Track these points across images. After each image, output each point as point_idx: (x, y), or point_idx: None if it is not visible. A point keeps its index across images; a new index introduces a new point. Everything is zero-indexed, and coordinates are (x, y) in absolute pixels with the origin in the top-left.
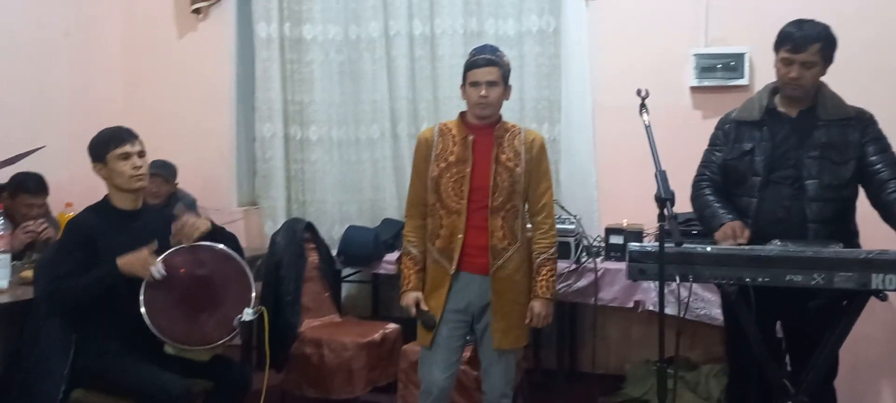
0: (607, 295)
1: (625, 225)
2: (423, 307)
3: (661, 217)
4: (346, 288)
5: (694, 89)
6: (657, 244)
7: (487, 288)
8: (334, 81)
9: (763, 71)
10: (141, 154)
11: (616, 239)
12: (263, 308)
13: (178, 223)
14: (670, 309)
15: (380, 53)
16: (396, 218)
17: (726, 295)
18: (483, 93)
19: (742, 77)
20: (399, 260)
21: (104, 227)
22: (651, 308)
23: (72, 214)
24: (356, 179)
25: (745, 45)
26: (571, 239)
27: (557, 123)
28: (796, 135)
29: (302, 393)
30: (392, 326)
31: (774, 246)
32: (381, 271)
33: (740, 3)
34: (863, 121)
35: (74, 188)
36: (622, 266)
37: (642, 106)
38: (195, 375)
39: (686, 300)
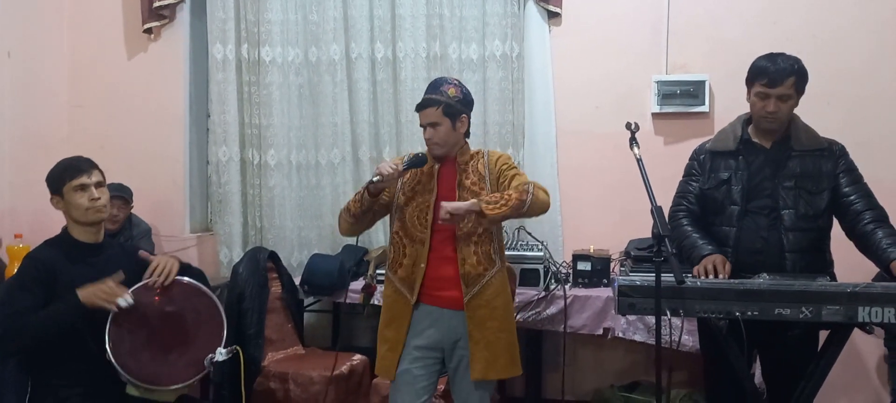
0: (577, 322)
1: (592, 251)
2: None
3: (657, 253)
4: (305, 318)
5: (655, 115)
6: (644, 277)
7: (460, 322)
8: (293, 104)
9: (723, 98)
10: (99, 184)
11: (583, 266)
12: (237, 347)
13: (151, 267)
14: (639, 336)
15: (341, 76)
16: (358, 246)
17: (712, 329)
18: (426, 135)
19: (703, 104)
20: (364, 288)
21: (64, 262)
22: (620, 335)
23: (23, 247)
24: (316, 204)
25: (705, 73)
26: (540, 267)
27: (521, 148)
28: (771, 165)
29: None
30: (359, 357)
31: (763, 280)
32: (348, 301)
33: (700, 31)
34: (834, 153)
35: (22, 218)
36: (591, 292)
37: (632, 139)
38: None
39: (666, 330)
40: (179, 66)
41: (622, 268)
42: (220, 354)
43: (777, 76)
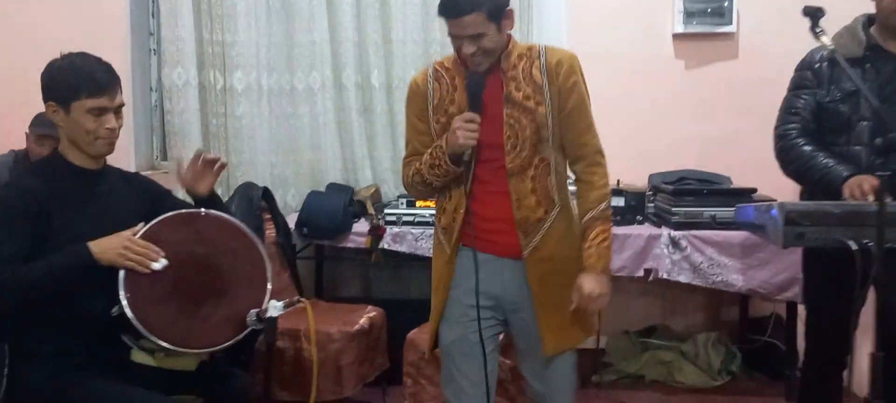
0: (614, 263)
1: (620, 184)
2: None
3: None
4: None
5: (676, 37)
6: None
7: (519, 277)
8: (262, 18)
9: (750, 17)
10: (119, 110)
11: (616, 201)
12: (303, 300)
13: (188, 169)
14: (684, 277)
15: None
16: (341, 182)
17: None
18: (467, 50)
19: (730, 23)
20: (371, 230)
21: (57, 194)
22: (665, 275)
23: None
24: (292, 136)
25: None
26: None
27: None
28: None
29: (274, 398)
30: (376, 310)
31: None
32: (349, 244)
33: None
34: None
35: None
36: (629, 230)
37: (814, 27)
38: (181, 390)
39: (713, 268)
40: None
41: (650, 204)
42: (275, 308)
43: None
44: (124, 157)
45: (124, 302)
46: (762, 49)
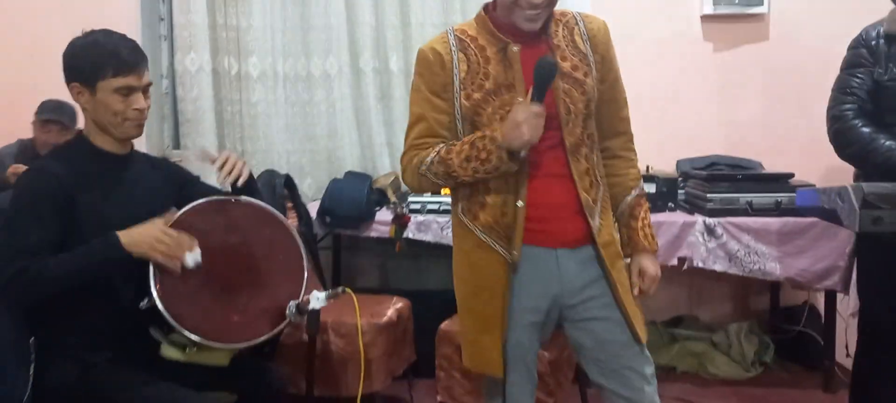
0: None
1: (649, 170)
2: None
3: None
4: None
5: (705, 18)
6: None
7: (588, 265)
8: (277, 2)
9: None
10: (147, 90)
11: (647, 187)
12: (346, 287)
13: (220, 159)
14: (719, 266)
15: None
16: (359, 171)
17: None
18: None
19: (761, 4)
20: (395, 219)
21: (83, 177)
22: (700, 264)
23: None
24: (308, 123)
25: None
26: None
27: None
28: None
29: (299, 392)
30: (402, 302)
31: None
32: (372, 233)
33: None
34: None
35: None
36: (660, 217)
37: None
38: (213, 386)
39: (750, 256)
40: None
41: (681, 191)
42: (318, 299)
43: None
44: (134, 146)
45: (155, 295)
46: (794, 32)
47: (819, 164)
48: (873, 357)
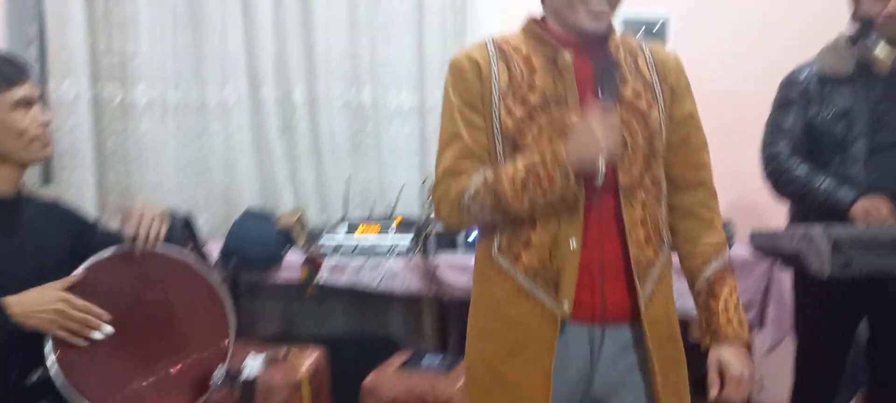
0: None
1: None
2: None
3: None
4: None
5: None
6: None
7: (629, 347)
8: (167, 26)
9: (685, 38)
10: (40, 100)
11: None
12: (291, 349)
13: (131, 220)
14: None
15: None
16: (258, 208)
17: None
18: None
19: (664, 44)
20: (306, 262)
21: None
22: None
23: None
24: (202, 157)
25: (666, 8)
26: None
27: None
28: (894, 94)
29: None
30: (317, 350)
31: None
32: (281, 278)
33: None
34: None
35: None
36: None
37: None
38: None
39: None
40: None
41: None
42: (253, 366)
43: None
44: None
45: (53, 365)
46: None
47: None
48: (810, 396)
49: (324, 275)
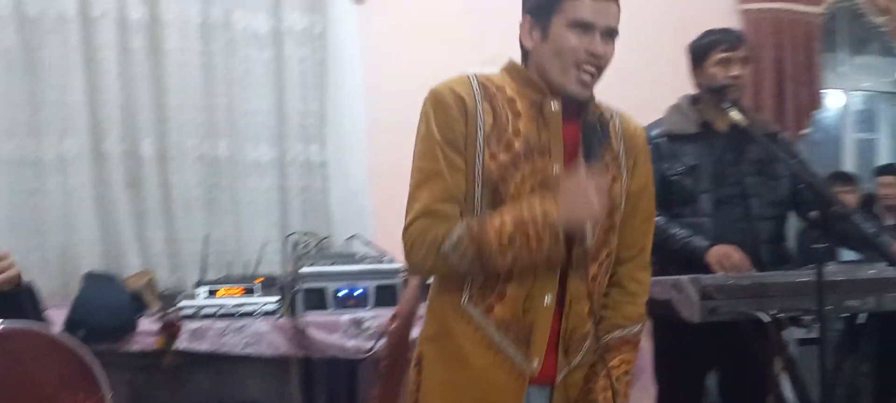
0: None
1: None
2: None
3: (824, 235)
4: None
5: None
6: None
7: None
8: (0, 72)
9: None
10: None
11: None
12: None
13: None
14: None
15: (74, 39)
16: (101, 271)
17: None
18: (597, 49)
19: None
20: (164, 328)
21: None
22: None
23: None
24: (37, 215)
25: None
26: (396, 281)
27: (326, 144)
28: (732, 150)
29: None
30: None
31: (839, 269)
32: (135, 347)
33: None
34: (786, 138)
35: None
36: None
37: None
38: None
39: None
40: None
41: None
42: None
43: (736, 39)
44: None
45: None
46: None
47: None
48: None
49: (183, 342)
